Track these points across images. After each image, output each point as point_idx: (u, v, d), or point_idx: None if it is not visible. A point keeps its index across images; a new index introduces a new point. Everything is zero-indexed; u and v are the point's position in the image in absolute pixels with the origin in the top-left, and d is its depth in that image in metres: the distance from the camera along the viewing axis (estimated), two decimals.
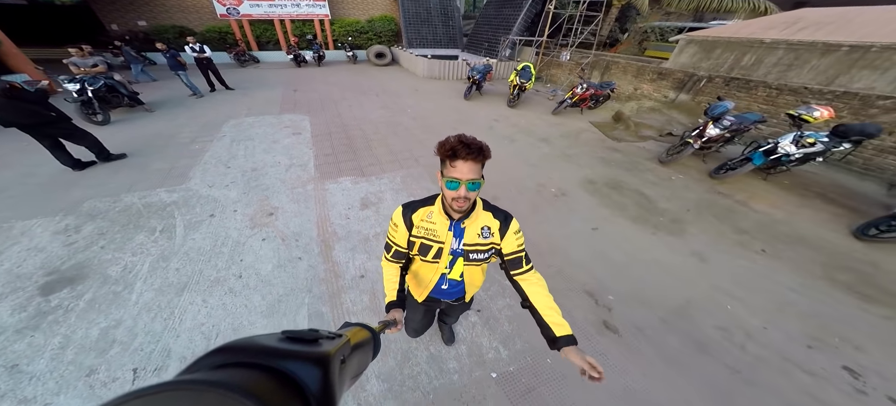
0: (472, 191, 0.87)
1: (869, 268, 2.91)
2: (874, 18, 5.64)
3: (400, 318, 0.98)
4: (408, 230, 1.03)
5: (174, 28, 13.44)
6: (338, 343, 0.33)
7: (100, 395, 1.71)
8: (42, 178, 3.63)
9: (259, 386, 0.21)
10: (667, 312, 2.36)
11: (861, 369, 2.03)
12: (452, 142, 0.83)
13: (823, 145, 3.59)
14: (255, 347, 0.26)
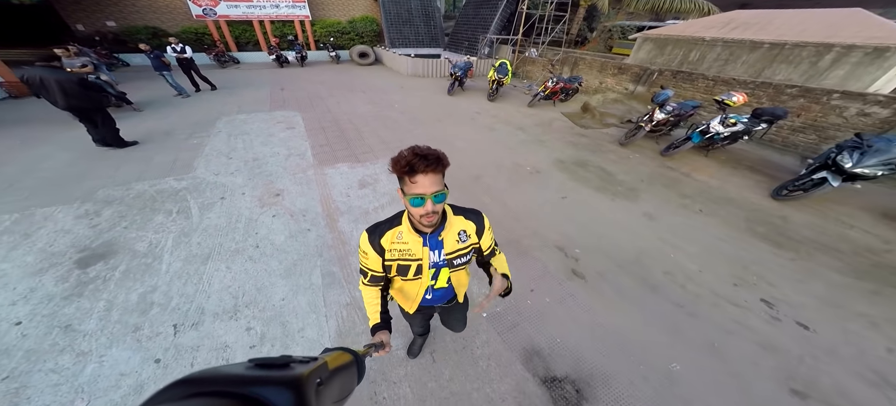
0: (438, 203, 0.81)
1: (780, 221, 3.54)
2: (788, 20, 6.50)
3: (387, 340, 0.93)
4: (380, 256, 0.97)
5: (147, 29, 12.88)
6: (312, 366, 0.32)
7: (147, 347, 1.93)
8: (48, 172, 3.66)
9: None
10: (623, 261, 2.82)
11: (774, 301, 2.51)
12: (407, 156, 0.75)
13: (744, 125, 4.24)
14: (220, 377, 0.24)
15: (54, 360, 1.80)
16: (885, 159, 3.20)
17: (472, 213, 1.04)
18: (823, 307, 2.48)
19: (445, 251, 0.98)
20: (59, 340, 1.92)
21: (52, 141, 4.60)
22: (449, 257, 0.99)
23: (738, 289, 2.62)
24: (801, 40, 5.83)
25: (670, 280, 2.65)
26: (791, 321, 2.36)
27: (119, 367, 1.79)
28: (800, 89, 4.94)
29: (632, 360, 1.99)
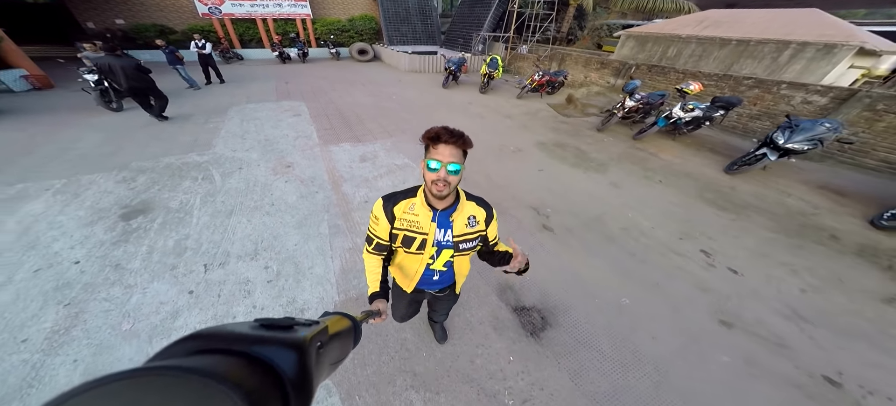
0: (452, 175, 0.84)
1: (728, 190, 3.93)
2: (755, 19, 6.89)
3: (384, 309, 0.95)
4: (390, 223, 0.99)
5: (154, 27, 13.07)
6: (314, 329, 0.32)
7: (182, 281, 2.26)
8: (83, 150, 3.98)
9: (233, 371, 0.20)
10: (588, 219, 3.20)
11: (712, 251, 2.91)
12: (436, 128, 0.83)
13: (702, 111, 4.64)
14: (227, 334, 0.24)
15: (107, 292, 2.14)
16: (809, 136, 3.64)
17: (484, 203, 1.06)
18: (753, 257, 2.87)
19: (455, 233, 0.99)
20: (111, 276, 2.26)
21: (80, 125, 4.89)
22: (457, 239, 1.00)
23: (682, 241, 3.01)
24: (763, 38, 6.23)
25: (626, 234, 3.04)
26: (724, 267, 2.74)
27: (159, 297, 2.12)
28: (755, 81, 5.34)
29: (589, 296, 2.34)
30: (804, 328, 2.20)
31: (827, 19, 6.22)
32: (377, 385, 1.70)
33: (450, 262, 1.08)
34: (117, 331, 1.88)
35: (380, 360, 1.82)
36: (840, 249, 3.01)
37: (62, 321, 1.92)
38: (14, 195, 3.01)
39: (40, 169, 3.54)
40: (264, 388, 0.21)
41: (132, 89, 4.76)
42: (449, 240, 1.00)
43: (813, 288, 2.55)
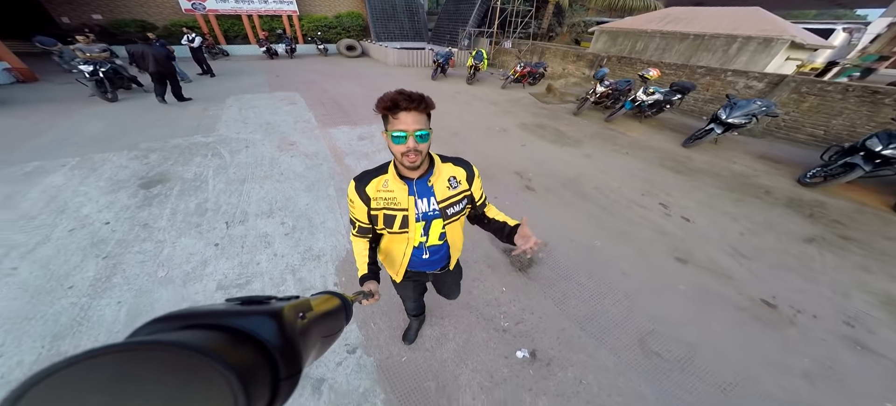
0: (420, 143, 0.77)
1: (684, 159, 4.42)
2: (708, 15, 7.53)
3: (375, 290, 0.90)
4: (365, 205, 0.92)
5: (134, 22, 12.59)
6: (293, 302, 0.31)
7: (207, 236, 2.46)
8: (89, 134, 4.03)
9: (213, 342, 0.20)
10: (565, 180, 3.58)
11: (668, 204, 3.35)
12: (391, 94, 0.74)
13: (662, 95, 5.15)
14: (202, 312, 0.24)
15: (139, 246, 2.32)
16: (745, 112, 4.23)
17: (461, 161, 0.98)
18: (702, 208, 3.33)
19: (438, 198, 0.91)
20: (141, 233, 2.43)
21: (80, 113, 4.85)
22: (443, 205, 0.92)
23: (644, 197, 3.44)
24: (715, 32, 6.86)
25: (597, 192, 3.44)
26: (678, 216, 3.17)
27: (188, 250, 2.32)
28: (706, 69, 5.94)
29: (567, 239, 2.70)
30: (743, 263, 2.60)
31: (767, 16, 6.91)
32: (389, 313, 1.95)
33: (443, 233, 0.99)
34: (154, 278, 2.07)
35: (390, 292, 1.88)
36: (772, 202, 3.53)
37: (103, 271, 2.09)
38: (32, 171, 3.08)
39: (51, 150, 3.60)
40: (248, 356, 0.21)
41: (158, 74, 5.20)
42: (435, 208, 0.92)
43: (750, 231, 3.01)
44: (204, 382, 0.16)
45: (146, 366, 0.16)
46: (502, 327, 1.91)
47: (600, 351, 1.78)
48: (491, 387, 1.59)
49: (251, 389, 0.18)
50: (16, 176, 2.99)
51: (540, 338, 1.85)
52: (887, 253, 2.76)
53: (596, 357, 1.74)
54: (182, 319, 0.23)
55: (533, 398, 1.55)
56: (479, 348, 1.78)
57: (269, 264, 2.21)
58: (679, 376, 1.66)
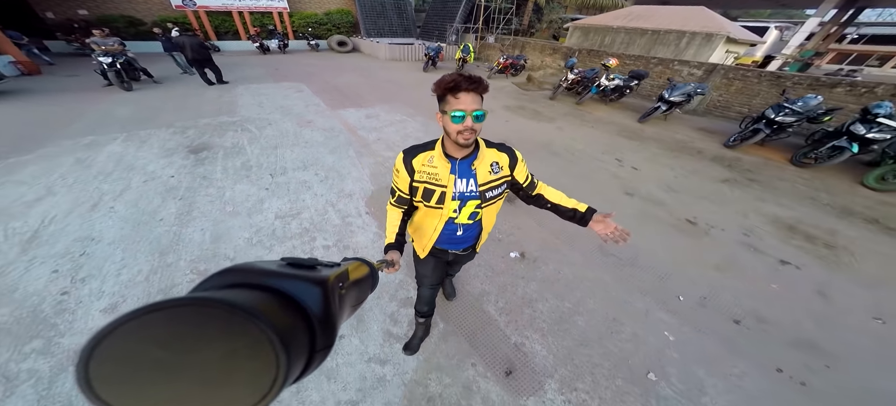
0: (477, 122, 0.79)
1: (638, 130, 5.24)
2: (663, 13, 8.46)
3: (397, 260, 0.93)
4: (409, 176, 0.95)
5: (122, 18, 12.41)
6: (336, 271, 0.32)
7: (257, 183, 2.96)
8: (122, 117, 4.39)
9: (264, 305, 0.21)
10: (539, 144, 4.29)
11: (622, 158, 4.10)
12: (453, 76, 0.76)
13: (621, 81, 5.98)
14: (258, 270, 0.25)
15: (204, 191, 2.81)
16: (682, 92, 5.21)
17: (505, 147, 1.00)
18: (647, 162, 4.11)
19: (479, 181, 0.94)
20: (203, 183, 2.93)
21: (104, 101, 5.14)
22: (482, 188, 0.94)
23: (603, 154, 4.20)
24: (668, 28, 7.77)
25: (566, 150, 4.18)
26: (629, 166, 3.95)
27: (245, 193, 2.83)
28: (658, 60, 6.85)
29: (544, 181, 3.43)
30: (674, 195, 3.38)
31: (709, 14, 7.89)
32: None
33: (475, 213, 1.00)
34: (224, 212, 2.60)
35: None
36: (701, 157, 4.37)
37: (182, 208, 2.59)
38: (90, 143, 3.48)
39: (96, 128, 3.96)
40: (293, 322, 0.22)
41: (195, 60, 6.02)
42: (473, 190, 0.95)
43: (681, 176, 3.81)
44: (250, 341, 0.17)
45: (200, 321, 0.17)
46: (498, 238, 2.52)
47: (572, 253, 2.39)
48: (493, 276, 2.14)
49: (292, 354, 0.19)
50: (79, 147, 3.39)
51: (527, 244, 2.47)
52: (779, 189, 3.63)
53: (568, 257, 2.36)
54: (240, 274, 0.24)
55: (525, 283, 2.10)
56: (483, 252, 2.28)
57: (313, 200, 2.78)
58: (629, 269, 2.28)
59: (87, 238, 2.19)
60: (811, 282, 2.28)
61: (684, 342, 1.75)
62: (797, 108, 4.20)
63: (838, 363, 1.71)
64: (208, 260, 2.10)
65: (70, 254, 2.05)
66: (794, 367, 1.66)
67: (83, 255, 2.05)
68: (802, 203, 3.35)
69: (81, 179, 2.82)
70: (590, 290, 2.08)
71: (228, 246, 2.22)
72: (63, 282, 1.86)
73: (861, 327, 1.95)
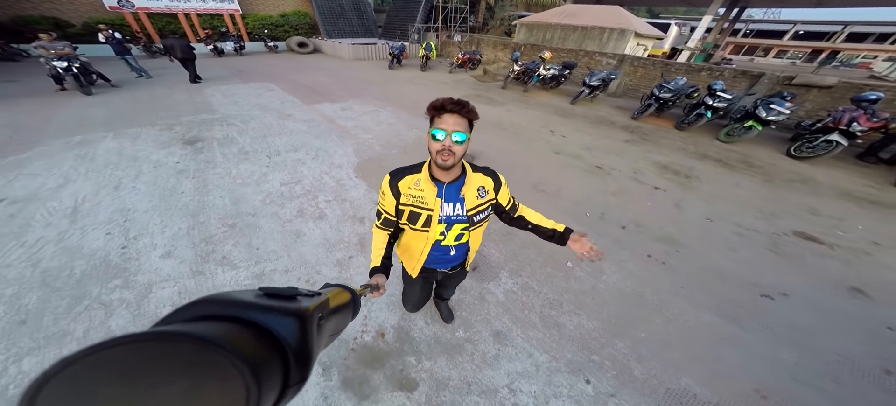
0: (457, 144, 0.80)
1: (569, 110, 6.42)
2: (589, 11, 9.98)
3: (382, 284, 0.90)
4: (395, 198, 0.95)
5: (44, 19, 11.23)
6: (316, 301, 0.31)
7: (256, 164, 3.43)
8: (99, 118, 4.49)
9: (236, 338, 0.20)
10: (492, 123, 5.21)
11: (555, 131, 5.11)
12: (441, 98, 0.79)
13: (556, 71, 7.18)
14: (232, 301, 0.24)
15: (212, 171, 3.25)
16: (599, 78, 6.47)
17: (489, 171, 1.02)
18: (572, 131, 5.21)
19: (467, 206, 0.95)
20: (208, 166, 3.36)
21: (69, 104, 5.08)
22: (470, 213, 0.96)
23: (541, 128, 5.22)
24: (593, 25, 9.23)
25: (512, 127, 5.16)
26: (559, 135, 5.00)
27: (249, 170, 3.32)
28: (584, 52, 8.23)
29: (492, 149, 4.26)
30: (589, 152, 4.45)
31: (622, 12, 9.52)
32: None
33: (461, 235, 1.02)
34: (235, 184, 3.08)
35: None
36: (613, 127, 5.60)
37: (197, 185, 3.03)
38: (81, 141, 3.65)
39: (77, 130, 4.07)
40: (266, 355, 0.21)
41: (183, 59, 6.71)
42: (461, 214, 0.96)
43: (596, 140, 4.93)
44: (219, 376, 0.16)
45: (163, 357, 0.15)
46: None
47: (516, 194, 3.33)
48: None
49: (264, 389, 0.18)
50: (71, 144, 3.56)
51: None
52: (662, 144, 4.90)
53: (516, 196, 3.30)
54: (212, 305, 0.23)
55: None
56: None
57: (309, 171, 3.37)
58: (554, 199, 3.20)
59: (123, 209, 2.60)
60: (672, 199, 3.41)
61: None
62: (671, 87, 5.62)
63: (685, 249, 2.56)
64: (234, 217, 2.64)
65: (114, 221, 2.47)
66: (658, 254, 2.50)
67: (126, 221, 2.48)
68: (676, 153, 4.64)
69: (93, 169, 3.11)
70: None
71: (247, 206, 2.77)
72: (118, 240, 2.31)
73: (699, 226, 2.97)
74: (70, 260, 2.12)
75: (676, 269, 2.37)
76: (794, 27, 31.69)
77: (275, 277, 2.11)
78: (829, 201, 3.55)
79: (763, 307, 2.10)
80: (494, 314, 1.92)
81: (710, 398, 1.58)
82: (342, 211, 2.76)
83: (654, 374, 1.66)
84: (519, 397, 1.52)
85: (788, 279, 2.35)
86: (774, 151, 4.89)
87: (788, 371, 1.73)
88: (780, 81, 5.74)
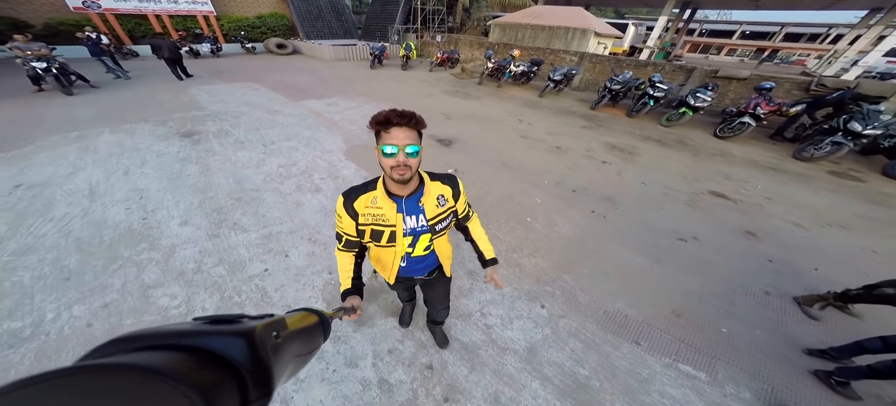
0: (411, 157, 0.77)
1: (537, 102, 7.09)
2: (554, 12, 10.83)
3: (357, 304, 0.90)
4: (353, 220, 0.92)
5: (1, 20, 10.67)
6: (266, 321, 0.29)
7: (252, 152, 3.77)
8: (88, 117, 4.59)
9: (180, 365, 0.18)
10: (468, 114, 5.74)
11: (523, 119, 5.72)
12: (385, 112, 0.74)
13: (526, 67, 7.85)
14: (162, 332, 0.22)
15: (212, 158, 3.56)
16: (561, 73, 7.22)
17: (447, 178, 1.00)
18: (539, 120, 5.84)
19: (428, 216, 0.94)
20: (208, 154, 3.66)
21: (52, 105, 5.12)
22: (432, 222, 0.95)
23: (510, 117, 5.82)
24: (559, 25, 10.06)
25: (486, 116, 5.73)
26: (526, 123, 5.61)
27: (247, 156, 3.65)
28: (550, 50, 9.00)
29: (467, 135, 4.78)
30: (552, 136, 5.08)
31: (583, 13, 10.44)
32: None
33: (429, 245, 1.01)
34: (236, 167, 3.42)
35: None
36: (574, 115, 6.31)
37: (202, 169, 3.34)
38: (79, 136, 3.83)
39: (72, 126, 4.21)
40: (216, 378, 0.19)
41: (170, 58, 7.18)
42: (424, 225, 0.94)
43: (558, 126, 5.59)
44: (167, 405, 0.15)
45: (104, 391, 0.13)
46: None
47: (487, 169, 3.84)
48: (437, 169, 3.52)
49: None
50: (68, 140, 3.72)
51: (462, 164, 3.84)
52: (614, 129, 5.63)
53: (486, 171, 3.79)
54: (142, 340, 0.20)
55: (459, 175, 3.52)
56: None
57: (303, 156, 3.74)
58: (518, 171, 3.75)
59: (137, 189, 2.89)
60: (615, 170, 4.07)
61: (546, 203, 3.24)
62: (620, 80, 6.43)
63: (622, 206, 3.18)
64: (239, 192, 2.99)
65: (130, 199, 2.76)
66: (601, 210, 3.11)
67: (142, 198, 2.78)
68: (623, 135, 5.38)
69: (99, 159, 3.34)
70: (496, 183, 3.53)
71: (251, 183, 3.13)
72: (138, 213, 2.62)
73: (635, 189, 3.61)
74: (98, 230, 2.42)
75: (615, 222, 2.97)
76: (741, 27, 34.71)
77: (281, 238, 2.50)
78: (739, 169, 4.35)
79: (679, 249, 2.68)
80: (468, 258, 2.37)
81: (637, 317, 1.99)
82: (335, 185, 3.18)
83: (595, 300, 2.10)
84: (489, 319, 1.91)
85: (700, 227, 2.99)
86: (705, 133, 5.75)
87: (696, 296, 2.18)
88: (708, 75, 6.68)
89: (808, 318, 2.12)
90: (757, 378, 1.71)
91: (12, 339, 1.68)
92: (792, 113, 5.05)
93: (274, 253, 2.31)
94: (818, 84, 5.75)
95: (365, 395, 1.53)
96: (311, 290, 2.07)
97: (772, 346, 1.90)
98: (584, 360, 1.73)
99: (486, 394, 1.55)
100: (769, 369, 1.76)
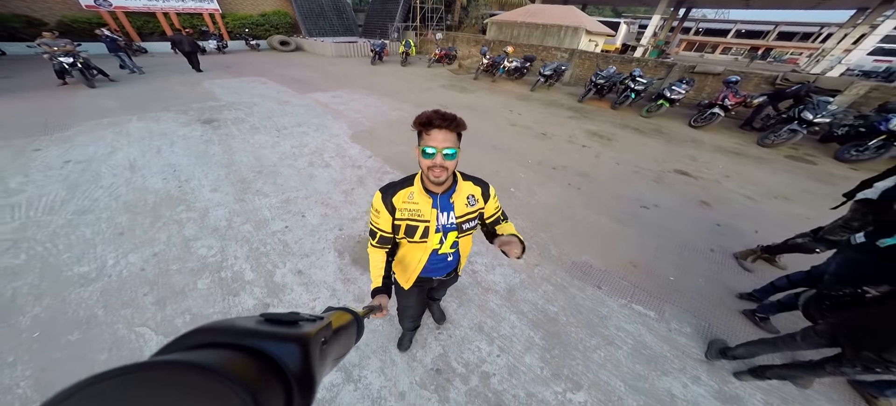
0: (448, 160, 0.80)
1: (528, 95, 7.48)
2: (548, 11, 11.17)
3: (385, 304, 0.91)
4: (390, 215, 0.94)
5: (16, 18, 11.01)
6: (318, 325, 0.30)
7: (268, 135, 4.17)
8: (112, 107, 4.97)
9: (236, 365, 0.19)
10: (463, 105, 6.12)
11: (514, 110, 6.11)
12: (428, 113, 0.78)
13: (519, 63, 8.22)
14: (231, 328, 0.23)
15: (233, 140, 3.93)
16: (552, 68, 7.60)
17: (480, 181, 1.03)
18: (529, 112, 6.22)
19: (456, 214, 0.96)
20: (227, 137, 4.04)
21: (78, 97, 5.47)
22: (459, 220, 0.97)
23: (503, 109, 6.22)
24: (552, 23, 10.41)
25: (481, 108, 6.11)
26: (517, 113, 6.00)
27: (263, 139, 4.03)
28: (542, 47, 9.37)
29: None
30: (539, 124, 5.47)
31: (576, 12, 10.78)
32: None
33: (456, 243, 1.04)
34: (254, 147, 3.81)
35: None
36: (562, 107, 6.70)
37: (224, 149, 3.73)
38: (110, 123, 4.22)
39: (102, 114, 4.59)
40: (267, 382, 0.20)
41: (189, 52, 7.94)
42: (452, 222, 0.97)
43: (546, 116, 5.98)
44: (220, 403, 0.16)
45: (163, 386, 0.15)
46: None
47: (478, 152, 4.24)
48: None
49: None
50: (102, 125, 4.11)
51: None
52: (597, 119, 6.03)
53: (477, 153, 4.19)
54: (211, 334, 0.22)
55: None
56: None
57: (313, 140, 4.13)
58: (506, 152, 4.16)
59: (169, 164, 3.29)
60: (594, 153, 4.46)
61: (528, 178, 3.64)
62: (604, 75, 6.82)
63: (595, 181, 3.58)
64: (259, 167, 3.39)
65: (165, 171, 3.16)
66: (577, 183, 3.55)
67: (175, 171, 3.18)
68: (605, 124, 5.77)
69: (132, 141, 3.73)
70: (485, 162, 3.94)
71: (269, 161, 3.52)
72: (173, 182, 3.01)
73: (609, 167, 4.03)
74: (142, 195, 2.82)
75: (587, 193, 3.38)
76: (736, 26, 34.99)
77: (298, 202, 2.89)
78: (705, 153, 4.76)
79: (641, 214, 3.09)
80: None
81: (600, 266, 2.33)
82: (343, 162, 3.58)
83: (565, 253, 2.45)
84: (474, 266, 2.26)
85: (662, 197, 3.40)
86: (681, 123, 6.15)
87: (652, 252, 2.53)
88: (686, 70, 7.08)
89: (743, 269, 2.49)
90: (697, 316, 1.98)
91: (82, 280, 2.05)
92: (755, 104, 5.46)
93: (292, 213, 2.71)
94: (783, 79, 6.14)
95: None
96: (324, 242, 2.46)
97: (711, 291, 2.20)
98: (554, 300, 2.03)
99: (471, 324, 1.84)
100: (707, 310, 2.05)
